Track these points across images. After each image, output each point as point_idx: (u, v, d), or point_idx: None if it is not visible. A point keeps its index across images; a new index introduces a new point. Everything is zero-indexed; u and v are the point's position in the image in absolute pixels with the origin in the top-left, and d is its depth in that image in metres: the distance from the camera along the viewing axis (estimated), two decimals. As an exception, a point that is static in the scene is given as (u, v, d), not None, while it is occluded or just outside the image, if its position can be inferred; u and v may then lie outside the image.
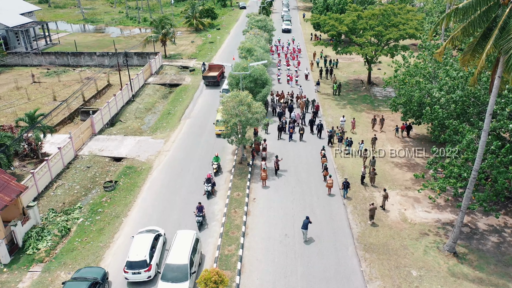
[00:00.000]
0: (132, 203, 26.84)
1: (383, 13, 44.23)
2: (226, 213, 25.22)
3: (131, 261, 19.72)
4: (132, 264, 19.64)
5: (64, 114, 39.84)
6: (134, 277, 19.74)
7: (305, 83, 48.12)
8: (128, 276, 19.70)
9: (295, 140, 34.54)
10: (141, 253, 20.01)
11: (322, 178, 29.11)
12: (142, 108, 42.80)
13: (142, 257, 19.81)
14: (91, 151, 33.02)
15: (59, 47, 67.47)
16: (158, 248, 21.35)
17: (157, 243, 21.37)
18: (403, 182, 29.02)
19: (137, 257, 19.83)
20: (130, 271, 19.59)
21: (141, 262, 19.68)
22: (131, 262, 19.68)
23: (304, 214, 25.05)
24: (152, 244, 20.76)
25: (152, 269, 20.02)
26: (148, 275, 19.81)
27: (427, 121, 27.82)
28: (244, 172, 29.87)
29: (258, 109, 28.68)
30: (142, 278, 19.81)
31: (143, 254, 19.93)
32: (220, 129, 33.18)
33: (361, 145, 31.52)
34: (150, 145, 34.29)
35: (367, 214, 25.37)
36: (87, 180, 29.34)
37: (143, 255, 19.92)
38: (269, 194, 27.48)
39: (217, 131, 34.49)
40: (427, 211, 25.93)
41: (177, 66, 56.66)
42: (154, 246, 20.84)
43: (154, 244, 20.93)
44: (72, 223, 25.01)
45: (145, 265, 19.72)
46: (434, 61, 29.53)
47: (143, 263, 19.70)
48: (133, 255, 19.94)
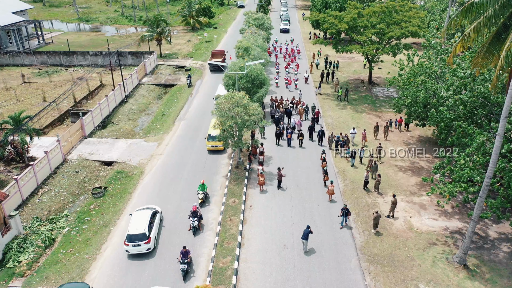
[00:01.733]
0: (122, 211, 25.33)
1: (385, 10, 42.78)
2: (221, 222, 23.74)
3: (131, 234, 20.83)
4: (132, 237, 20.75)
5: (53, 116, 38.29)
6: (134, 249, 20.84)
7: (305, 87, 45.61)
8: (129, 248, 20.80)
9: (294, 146, 32.74)
10: (140, 227, 21.16)
11: (322, 183, 27.68)
12: (135, 109, 41.29)
13: (141, 230, 20.95)
14: (80, 155, 31.50)
15: (52, 46, 65.87)
16: (156, 223, 22.48)
17: (154, 219, 22.50)
18: (407, 187, 27.59)
19: (136, 230, 20.95)
20: (131, 244, 20.68)
21: (140, 235, 20.82)
22: (131, 236, 20.79)
23: (303, 222, 23.63)
24: (150, 219, 21.93)
25: (151, 242, 21.19)
26: (147, 247, 20.96)
27: (433, 124, 26.29)
28: (240, 177, 28.39)
29: (255, 111, 27.18)
30: (142, 250, 20.94)
31: (142, 228, 21.09)
32: (213, 145, 31.16)
33: (361, 151, 29.88)
34: (142, 149, 32.78)
35: (370, 222, 23.93)
36: (75, 186, 27.83)
37: (142, 228, 21.06)
38: (267, 200, 26.02)
39: (209, 147, 31.54)
40: (434, 219, 24.49)
41: (172, 66, 55.13)
42: (152, 222, 22.03)
43: (152, 219, 22.12)
44: (57, 232, 23.51)
45: (145, 238, 20.83)
46: (441, 60, 28.03)
47: (142, 236, 20.83)
48: (133, 229, 21.04)
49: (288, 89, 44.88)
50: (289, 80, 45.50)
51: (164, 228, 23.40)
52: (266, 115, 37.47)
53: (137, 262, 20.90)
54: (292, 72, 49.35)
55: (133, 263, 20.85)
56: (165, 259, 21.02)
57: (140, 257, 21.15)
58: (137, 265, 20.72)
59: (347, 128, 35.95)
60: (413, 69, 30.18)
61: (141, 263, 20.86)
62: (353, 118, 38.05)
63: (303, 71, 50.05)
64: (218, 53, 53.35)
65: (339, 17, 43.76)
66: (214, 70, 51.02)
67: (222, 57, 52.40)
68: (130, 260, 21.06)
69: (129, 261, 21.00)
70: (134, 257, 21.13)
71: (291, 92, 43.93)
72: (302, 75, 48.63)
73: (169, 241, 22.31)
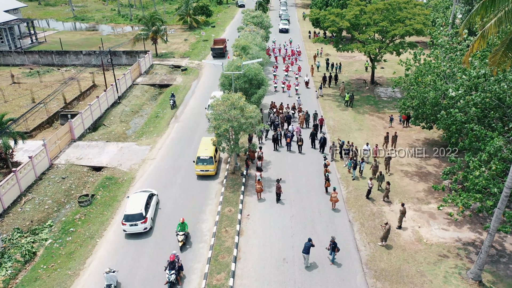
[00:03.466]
0: (109, 221, 23.63)
1: (388, 7, 41.06)
2: (216, 233, 22.04)
3: (128, 214, 21.46)
4: (129, 217, 21.40)
5: (42, 118, 36.56)
6: (131, 229, 21.52)
7: (305, 92, 42.72)
8: (126, 228, 21.47)
9: (294, 151, 30.89)
10: (137, 207, 21.79)
11: (323, 189, 26.01)
12: (128, 110, 39.57)
13: (138, 211, 21.58)
14: (68, 160, 29.80)
15: (45, 45, 64.11)
16: (152, 205, 23.21)
17: (151, 201, 23.23)
18: (415, 194, 25.92)
19: (133, 210, 21.56)
20: (128, 223, 21.35)
21: (137, 215, 21.46)
22: (128, 215, 21.43)
23: (304, 233, 21.97)
24: (147, 201, 22.60)
25: (148, 222, 21.85)
26: (144, 226, 21.66)
27: (442, 127, 24.55)
28: (237, 183, 26.70)
29: (252, 113, 25.46)
30: (139, 230, 21.62)
31: (139, 208, 21.72)
32: (203, 169, 26.79)
33: (362, 164, 27.20)
34: (134, 152, 31.07)
35: (376, 233, 22.27)
36: (61, 193, 26.11)
37: (139, 208, 21.68)
38: (265, 209, 24.33)
39: (198, 171, 26.94)
40: (444, 229, 22.82)
41: (168, 66, 53.41)
42: (148, 203, 22.70)
43: (148, 201, 22.80)
44: (39, 245, 21.81)
45: (141, 218, 21.50)
46: (450, 59, 26.27)
47: (139, 215, 21.48)
48: (130, 209, 21.66)
49: (288, 94, 41.84)
50: (288, 84, 42.29)
51: (154, 238, 21.72)
52: (263, 117, 35.74)
53: (123, 276, 19.19)
54: (293, 76, 46.01)
55: (119, 279, 19.13)
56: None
57: (129, 273, 19.47)
58: (124, 280, 19.03)
59: (349, 130, 34.33)
60: (420, 69, 28.46)
61: (128, 277, 19.17)
62: (355, 120, 36.36)
63: (304, 74, 46.93)
64: (220, 41, 56.96)
65: (341, 15, 42.06)
66: (216, 56, 55.15)
67: (223, 44, 55.96)
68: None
69: (115, 278, 19.31)
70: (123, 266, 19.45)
71: (290, 97, 40.81)
72: (302, 79, 45.39)
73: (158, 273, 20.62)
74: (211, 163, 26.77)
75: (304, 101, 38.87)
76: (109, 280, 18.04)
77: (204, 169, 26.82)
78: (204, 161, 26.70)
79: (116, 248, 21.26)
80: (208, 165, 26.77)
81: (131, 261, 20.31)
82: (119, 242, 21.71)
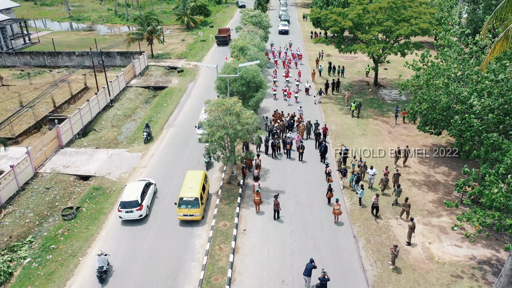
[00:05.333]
0: (95, 237, 21.86)
1: (392, 6, 39.26)
2: (209, 251, 20.26)
3: (124, 201, 22.05)
4: (125, 204, 21.96)
5: (29, 123, 34.80)
6: (127, 216, 22.09)
7: (306, 100, 39.35)
8: (122, 214, 22.06)
9: (293, 159, 29.03)
10: (133, 194, 22.35)
11: (326, 200, 24.25)
12: (121, 114, 37.77)
13: (134, 198, 22.12)
14: (54, 168, 28.03)
15: (39, 46, 62.41)
16: (149, 193, 23.72)
17: (148, 189, 23.71)
18: (424, 206, 24.13)
19: (129, 198, 22.13)
20: (124, 210, 21.92)
21: (133, 202, 21.99)
22: (124, 202, 22.01)
23: (305, 251, 20.21)
24: (143, 189, 23.14)
25: (143, 209, 22.35)
26: (139, 213, 22.14)
27: (455, 134, 22.69)
28: (233, 194, 24.92)
29: (249, 120, 23.66)
30: (134, 216, 22.17)
31: (135, 195, 22.26)
32: (186, 214, 21.89)
33: (372, 176, 25.27)
34: (124, 160, 29.30)
35: (383, 250, 20.51)
36: (44, 205, 24.32)
37: (135, 196, 22.23)
38: (263, 223, 22.54)
39: (181, 216, 22.06)
40: (457, 245, 21.03)
41: (164, 67, 51.64)
42: (145, 191, 23.24)
43: (145, 189, 23.32)
44: (16, 264, 20.05)
45: (137, 205, 22.00)
46: (462, 60, 24.40)
47: (135, 203, 22.00)
48: (126, 196, 22.29)
49: (288, 102, 38.49)
50: (288, 92, 38.72)
51: (142, 257, 19.95)
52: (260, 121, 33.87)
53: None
54: (294, 82, 42.47)
55: None
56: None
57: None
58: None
59: (352, 136, 32.54)
60: (428, 71, 26.65)
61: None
62: (358, 125, 34.56)
63: (305, 80, 43.38)
64: (224, 30, 63.24)
65: (343, 14, 40.25)
66: (220, 44, 60.12)
67: (227, 33, 61.18)
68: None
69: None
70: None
71: (291, 106, 37.68)
72: (303, 85, 41.82)
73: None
74: (197, 206, 21.75)
75: (304, 109, 35.93)
76: (101, 262, 18.60)
77: (188, 213, 21.80)
78: (189, 204, 21.74)
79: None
80: (193, 208, 21.73)
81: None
82: (103, 260, 19.92)
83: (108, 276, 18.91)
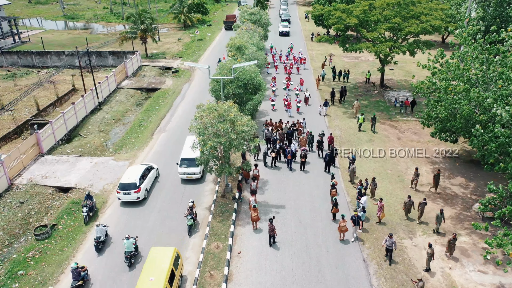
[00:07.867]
0: (70, 259, 19.29)
1: (400, 1, 36.65)
2: (198, 279, 17.69)
3: (123, 183, 22.42)
4: (124, 185, 22.32)
5: (9, 127, 32.24)
6: (125, 197, 22.48)
7: (305, 110, 35.23)
8: (120, 196, 22.46)
9: (295, 169, 26.37)
10: (132, 177, 22.70)
11: (330, 216, 21.69)
12: (109, 118, 35.21)
13: (132, 180, 22.46)
14: (31, 179, 25.47)
15: (29, 45, 59.84)
16: (149, 177, 23.97)
17: (148, 173, 23.95)
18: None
19: (128, 180, 22.49)
20: (122, 192, 22.32)
21: (131, 185, 22.31)
22: (123, 184, 22.37)
23: (308, 278, 17.68)
24: (143, 173, 23.42)
25: (141, 192, 22.65)
26: (137, 196, 22.45)
27: (478, 145, 19.95)
28: (227, 210, 22.34)
29: (245, 127, 21.03)
30: (132, 199, 22.49)
31: (133, 178, 22.61)
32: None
33: (363, 204, 21.49)
34: (109, 170, 26.73)
35: (398, 276, 17.94)
36: (16, 222, 21.75)
37: (134, 179, 22.58)
38: (260, 244, 19.95)
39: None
40: (481, 271, 18.45)
41: (158, 67, 49.07)
42: (145, 175, 23.48)
43: (145, 173, 23.59)
44: (-22, 294, 17.52)
45: (135, 187, 22.29)
46: (485, 60, 21.63)
47: (133, 185, 22.31)
48: (125, 178, 22.65)
49: (288, 113, 34.35)
50: (289, 102, 34.61)
51: (123, 281, 17.41)
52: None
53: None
54: (294, 91, 37.75)
55: None
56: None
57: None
58: None
59: (358, 142, 29.97)
60: (443, 72, 24.03)
61: None
62: (365, 129, 31.93)
63: (304, 88, 38.41)
64: (231, 16, 69.93)
65: (347, 10, 37.63)
66: (227, 29, 65.83)
67: (233, 19, 67.04)
68: None
69: None
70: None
71: (292, 117, 33.21)
72: (303, 94, 37.02)
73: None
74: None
75: (306, 120, 31.54)
76: (99, 232, 18.90)
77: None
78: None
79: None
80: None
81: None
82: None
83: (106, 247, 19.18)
